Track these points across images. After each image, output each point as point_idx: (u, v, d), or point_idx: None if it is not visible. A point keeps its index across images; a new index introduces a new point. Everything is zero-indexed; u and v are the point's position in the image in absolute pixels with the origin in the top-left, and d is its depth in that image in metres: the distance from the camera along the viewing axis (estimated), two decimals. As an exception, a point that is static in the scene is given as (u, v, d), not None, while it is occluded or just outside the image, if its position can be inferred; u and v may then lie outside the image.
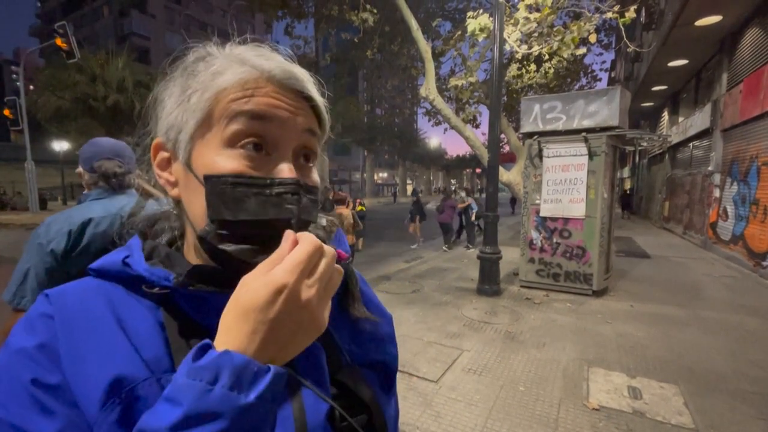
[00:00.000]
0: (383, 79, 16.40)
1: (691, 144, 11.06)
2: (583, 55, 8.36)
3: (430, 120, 12.47)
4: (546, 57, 8.26)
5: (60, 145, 22.11)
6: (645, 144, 6.17)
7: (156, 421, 0.31)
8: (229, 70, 0.41)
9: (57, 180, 25.43)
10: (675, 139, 12.02)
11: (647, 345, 3.66)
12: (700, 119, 9.74)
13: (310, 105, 0.44)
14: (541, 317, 4.43)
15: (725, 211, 8.16)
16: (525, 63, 9.15)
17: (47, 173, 25.95)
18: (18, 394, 0.35)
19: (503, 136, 8.66)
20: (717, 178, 8.62)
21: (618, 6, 5.76)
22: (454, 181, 60.11)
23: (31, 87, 20.81)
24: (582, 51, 6.64)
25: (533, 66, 9.20)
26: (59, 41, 12.23)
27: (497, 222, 5.45)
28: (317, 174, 0.47)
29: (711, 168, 8.93)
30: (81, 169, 1.37)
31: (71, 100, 15.94)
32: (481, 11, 6.25)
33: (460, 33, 8.49)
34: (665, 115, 14.72)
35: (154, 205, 1.44)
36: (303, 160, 0.44)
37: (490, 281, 5.30)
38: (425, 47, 7.66)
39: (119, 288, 0.43)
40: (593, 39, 5.92)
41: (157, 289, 0.41)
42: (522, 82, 9.35)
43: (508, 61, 9.06)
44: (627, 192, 19.15)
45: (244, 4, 9.51)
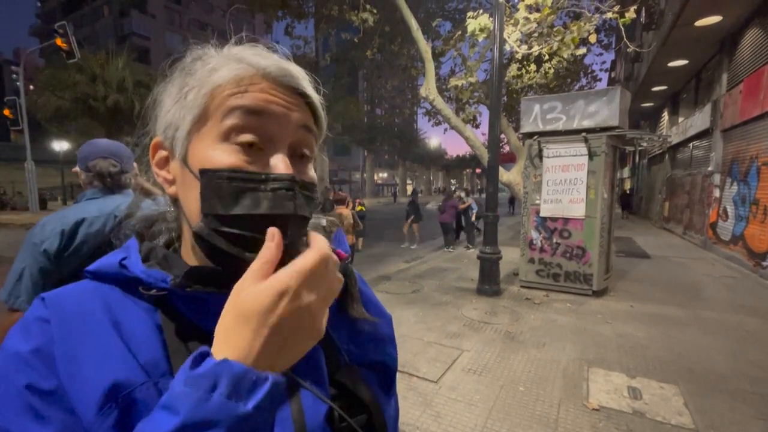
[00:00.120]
0: (383, 79, 16.40)
1: (691, 144, 11.06)
2: (583, 56, 8.36)
3: (430, 120, 12.47)
4: (546, 57, 8.27)
5: (60, 145, 22.13)
6: (645, 144, 6.17)
7: (153, 429, 0.31)
8: (225, 67, 0.41)
9: (57, 180, 25.46)
10: (675, 140, 12.02)
11: (647, 345, 3.66)
12: (700, 119, 9.74)
13: (305, 102, 0.44)
14: (541, 317, 4.43)
15: (725, 212, 8.16)
16: (525, 63, 9.14)
17: (47, 173, 25.97)
18: (12, 399, 0.35)
19: (503, 136, 8.66)
20: (717, 178, 8.62)
21: (618, 6, 5.75)
22: (454, 181, 60.12)
23: (31, 87, 20.80)
24: (582, 51, 6.64)
25: (533, 66, 9.20)
26: (59, 41, 12.23)
27: (497, 222, 5.46)
28: (314, 171, 0.46)
29: (711, 168, 8.93)
30: (78, 169, 1.37)
31: (71, 100, 15.93)
32: (481, 11, 6.25)
33: (460, 33, 8.49)
34: (665, 116, 14.72)
35: (150, 205, 1.45)
36: (299, 156, 0.44)
37: (490, 281, 5.31)
38: (425, 47, 7.66)
39: (116, 290, 0.43)
40: (593, 39, 5.92)
41: (154, 291, 0.40)
42: (522, 82, 9.35)
43: (508, 62, 9.06)
44: (627, 192, 19.16)
45: (243, 7, 9.50)
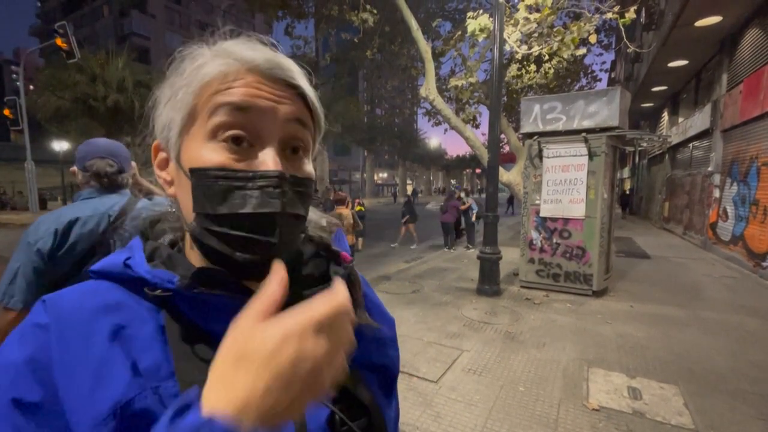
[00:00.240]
0: (383, 80, 16.41)
1: (691, 144, 11.06)
2: (583, 56, 8.36)
3: (430, 120, 12.47)
4: (546, 57, 8.27)
5: (60, 145, 22.12)
6: (645, 144, 6.18)
7: None
8: (212, 63, 0.41)
9: (57, 180, 25.44)
10: (675, 140, 12.02)
11: (647, 345, 3.66)
12: (700, 120, 9.74)
13: (297, 94, 0.42)
14: (541, 317, 4.43)
15: (725, 212, 8.16)
16: (525, 63, 9.15)
17: (47, 173, 25.98)
18: None
19: (503, 136, 8.66)
20: (717, 178, 8.62)
21: (618, 6, 5.76)
22: (454, 182, 60.12)
23: (31, 87, 20.78)
24: (582, 51, 6.65)
25: (533, 66, 9.21)
26: (59, 41, 12.22)
27: (497, 222, 5.46)
28: (310, 165, 0.45)
29: (711, 168, 8.93)
30: (75, 168, 1.38)
31: (71, 100, 15.91)
32: (481, 11, 6.26)
33: (460, 33, 8.49)
34: (665, 116, 14.72)
35: (147, 204, 1.45)
36: (291, 151, 0.43)
37: (490, 281, 5.31)
38: (425, 47, 7.66)
39: (120, 290, 0.42)
40: (593, 39, 5.92)
41: (159, 291, 0.40)
42: (522, 82, 9.36)
43: (508, 62, 9.06)
44: (626, 192, 19.17)
45: (243, 7, 9.49)
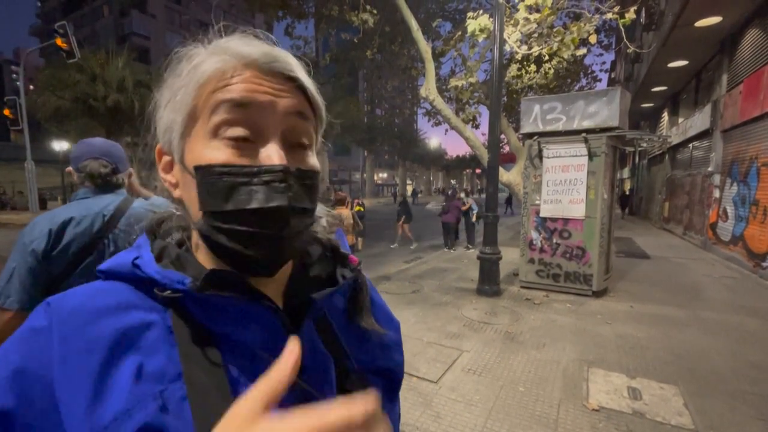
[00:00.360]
0: (383, 80, 16.38)
1: (691, 145, 11.06)
2: (583, 56, 8.37)
3: (430, 120, 12.47)
4: (546, 57, 8.27)
5: (60, 145, 22.12)
6: (645, 145, 6.17)
7: None
8: (208, 61, 0.41)
9: (57, 180, 25.44)
10: (675, 140, 12.02)
11: (647, 346, 3.66)
12: (700, 120, 9.74)
13: (296, 86, 0.42)
14: (541, 318, 4.44)
15: (725, 212, 8.16)
16: (525, 63, 9.15)
17: (47, 173, 25.97)
18: None
19: (503, 136, 8.66)
20: (717, 178, 8.62)
21: (618, 7, 5.76)
22: (454, 182, 60.13)
23: (31, 87, 20.81)
24: (582, 52, 6.65)
25: (533, 66, 9.21)
26: (59, 41, 12.21)
27: (497, 222, 5.46)
28: (314, 158, 0.44)
29: (711, 169, 8.93)
30: (71, 169, 1.39)
31: (71, 99, 15.91)
32: (481, 12, 6.26)
33: (460, 33, 8.50)
34: (665, 116, 14.72)
35: (142, 204, 1.45)
36: (296, 145, 0.42)
37: (490, 282, 5.31)
38: (425, 48, 7.66)
39: (128, 290, 0.42)
40: (593, 40, 5.92)
41: (169, 293, 0.39)
42: (522, 82, 9.35)
43: (508, 62, 9.06)
44: (626, 193, 19.18)
45: (243, 7, 9.49)
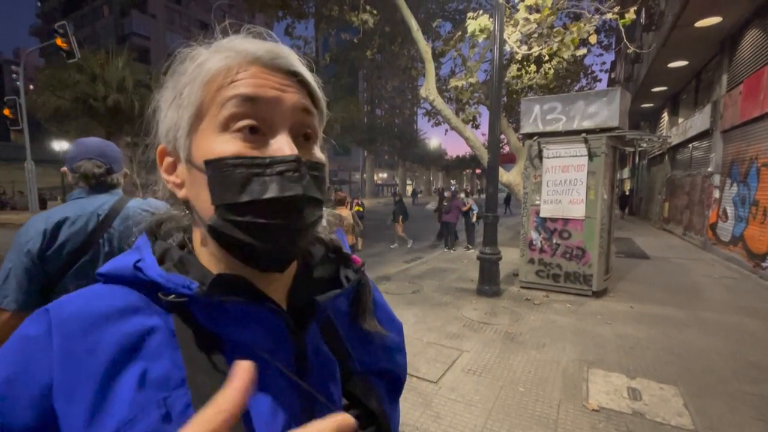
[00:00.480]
0: (383, 80, 16.37)
1: (691, 145, 11.06)
2: (583, 56, 8.36)
3: (430, 120, 12.48)
4: (546, 58, 8.27)
5: (60, 145, 22.15)
6: (645, 145, 6.17)
7: None
8: (213, 58, 0.41)
9: (57, 180, 25.37)
10: (675, 140, 12.02)
11: (647, 346, 3.66)
12: (699, 120, 9.74)
13: (298, 81, 0.43)
14: (541, 318, 4.44)
15: (725, 213, 8.16)
16: (525, 64, 9.15)
17: (47, 173, 25.93)
18: None
19: (503, 136, 8.67)
20: (717, 179, 8.62)
21: (618, 7, 5.76)
22: (454, 182, 60.13)
23: (31, 87, 20.79)
24: (582, 52, 6.65)
25: (533, 67, 9.21)
26: (59, 41, 12.19)
27: (497, 223, 5.45)
28: (320, 152, 0.45)
29: (711, 169, 8.93)
30: (65, 169, 1.39)
31: (71, 99, 15.90)
32: (481, 12, 6.26)
33: (460, 34, 8.50)
34: (665, 116, 14.72)
35: (137, 203, 1.46)
36: (303, 137, 0.43)
37: (489, 282, 5.30)
38: (425, 48, 7.66)
39: (129, 294, 0.41)
40: (593, 40, 5.92)
41: (173, 297, 0.39)
42: (522, 82, 9.36)
43: (508, 62, 9.06)
44: (626, 193, 19.19)
45: (243, 7, 9.50)
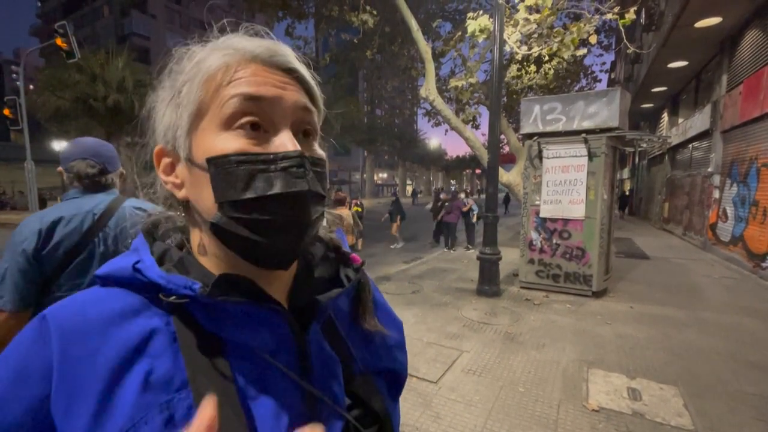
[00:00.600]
0: (383, 80, 16.38)
1: (691, 145, 11.06)
2: (583, 57, 8.36)
3: (430, 121, 12.47)
4: (546, 58, 8.28)
5: (60, 145, 22.12)
6: (645, 145, 6.18)
7: None
8: (212, 56, 0.41)
9: (57, 180, 25.33)
10: (675, 141, 12.03)
11: (647, 346, 3.66)
12: (699, 120, 9.74)
13: (296, 79, 0.43)
14: (541, 318, 4.43)
15: (725, 213, 8.16)
16: (525, 64, 9.15)
17: (47, 173, 25.89)
18: None
19: (503, 137, 8.67)
20: (717, 179, 8.62)
21: (618, 7, 5.76)
22: (453, 182, 60.14)
23: (31, 87, 20.79)
24: (582, 52, 6.64)
25: (533, 67, 9.21)
26: (59, 41, 12.18)
27: (497, 223, 5.45)
28: (320, 149, 0.45)
29: (711, 169, 8.93)
30: (61, 168, 1.40)
31: (71, 99, 15.92)
32: (481, 12, 6.26)
33: (460, 34, 8.50)
34: (665, 117, 14.73)
35: (133, 203, 1.46)
36: (303, 134, 0.43)
37: (489, 282, 5.30)
38: (425, 48, 7.66)
39: (128, 296, 0.40)
40: (593, 40, 5.92)
41: (174, 298, 0.38)
42: (522, 83, 9.36)
43: (508, 62, 9.07)
44: (625, 193, 19.20)
45: (243, 7, 9.50)
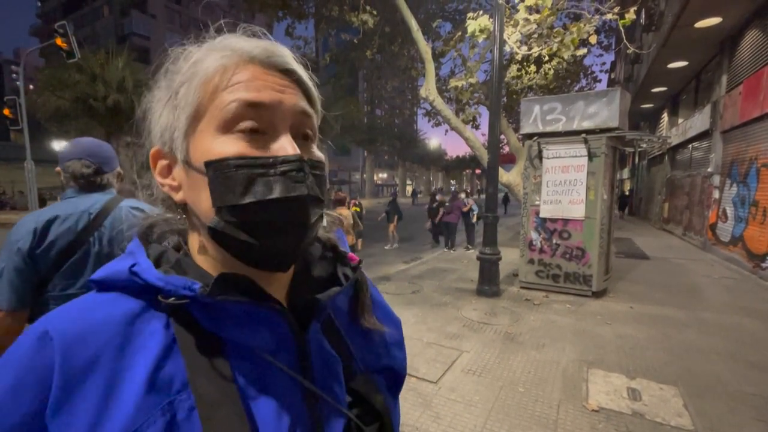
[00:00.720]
0: (383, 80, 16.38)
1: (691, 145, 11.07)
2: (583, 57, 8.36)
3: (430, 121, 12.47)
4: (546, 58, 8.28)
5: (60, 145, 22.06)
6: (644, 145, 6.18)
7: None
8: (209, 57, 0.40)
9: (57, 180, 25.14)
10: (674, 141, 12.03)
11: (647, 346, 3.66)
12: (699, 121, 9.74)
13: (294, 80, 0.42)
14: (541, 318, 4.43)
15: (725, 213, 8.16)
16: (525, 64, 9.15)
17: (47, 173, 25.86)
18: None
19: (503, 137, 8.67)
20: (716, 179, 8.62)
21: (618, 7, 5.76)
22: (453, 182, 60.16)
23: (31, 87, 20.79)
24: (582, 52, 6.64)
25: (533, 67, 9.21)
26: (59, 41, 12.18)
27: (497, 223, 5.45)
28: (318, 151, 0.45)
29: (710, 169, 8.94)
30: (59, 168, 1.42)
31: (71, 99, 15.92)
32: (481, 12, 6.26)
33: (460, 34, 8.51)
34: (665, 117, 14.73)
35: (129, 203, 1.47)
36: (302, 137, 0.42)
37: (489, 282, 5.30)
38: (425, 48, 7.66)
39: (126, 300, 0.39)
40: (593, 40, 5.92)
41: (173, 300, 0.38)
42: (522, 83, 9.37)
43: (507, 63, 9.07)
44: (625, 193, 19.21)
45: (243, 7, 9.51)
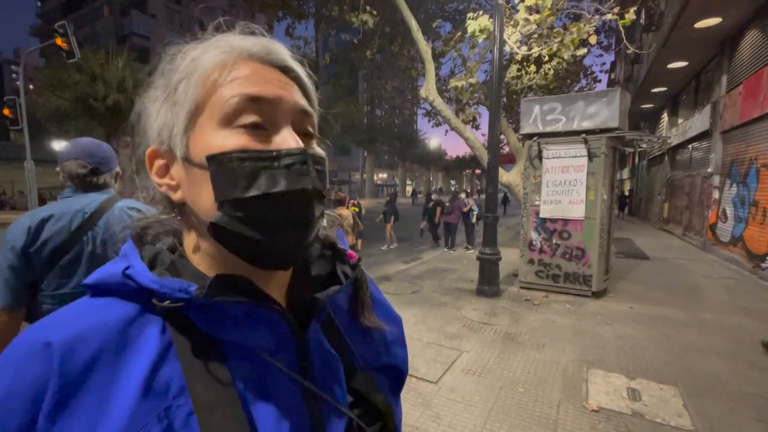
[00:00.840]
0: (383, 80, 16.39)
1: (691, 146, 11.07)
2: (583, 57, 8.36)
3: (430, 121, 12.47)
4: (546, 58, 8.28)
5: (60, 145, 22.08)
6: (644, 145, 6.18)
7: None
8: (208, 53, 0.40)
9: (57, 179, 25.21)
10: (674, 141, 12.04)
11: (646, 346, 3.66)
12: (699, 121, 9.75)
13: (292, 78, 0.42)
14: (541, 318, 4.43)
15: (724, 213, 8.17)
16: (525, 64, 9.16)
17: (47, 173, 25.87)
18: None
19: (503, 137, 8.67)
20: (716, 179, 8.63)
21: (618, 8, 5.76)
22: (453, 182, 60.17)
23: (31, 87, 20.80)
24: (582, 52, 6.64)
25: (533, 67, 9.22)
26: (59, 41, 12.19)
27: (497, 223, 5.46)
28: (318, 148, 0.45)
29: (710, 170, 8.94)
30: (59, 168, 1.44)
31: (71, 99, 15.92)
32: (481, 12, 6.26)
33: (460, 34, 8.51)
34: (665, 117, 14.74)
35: (125, 203, 1.47)
36: (303, 134, 0.43)
37: (489, 282, 5.30)
38: (425, 48, 7.66)
39: (120, 304, 0.39)
40: (593, 40, 5.92)
41: (168, 303, 0.37)
42: (522, 83, 9.37)
43: (507, 63, 9.07)
44: (625, 193, 19.21)
45: (243, 7, 9.52)
